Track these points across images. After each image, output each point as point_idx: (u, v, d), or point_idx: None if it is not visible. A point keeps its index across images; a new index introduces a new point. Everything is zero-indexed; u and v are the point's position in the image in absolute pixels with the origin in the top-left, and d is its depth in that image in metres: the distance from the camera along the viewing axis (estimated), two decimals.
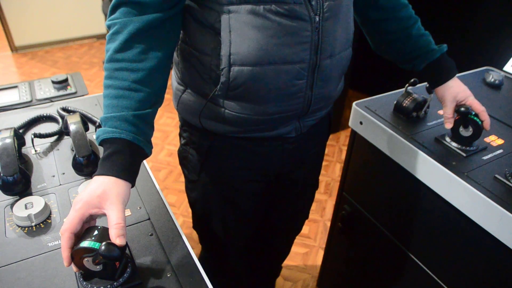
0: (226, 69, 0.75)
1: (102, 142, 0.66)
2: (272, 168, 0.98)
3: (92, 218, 0.63)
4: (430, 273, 1.00)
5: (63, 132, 0.93)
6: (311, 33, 0.75)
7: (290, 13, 0.72)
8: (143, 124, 0.68)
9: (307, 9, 0.73)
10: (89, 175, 0.82)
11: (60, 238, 0.68)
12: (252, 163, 0.94)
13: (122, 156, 0.65)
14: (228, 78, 0.76)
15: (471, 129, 0.90)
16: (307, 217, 1.26)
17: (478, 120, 0.89)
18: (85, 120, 0.92)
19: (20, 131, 0.94)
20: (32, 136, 0.88)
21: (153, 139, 0.72)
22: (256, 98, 0.79)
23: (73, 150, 0.83)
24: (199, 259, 0.68)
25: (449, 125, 0.93)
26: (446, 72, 0.95)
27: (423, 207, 0.98)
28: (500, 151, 0.93)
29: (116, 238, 0.58)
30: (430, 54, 0.95)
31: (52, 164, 0.86)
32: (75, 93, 1.13)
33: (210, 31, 0.75)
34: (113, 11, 0.71)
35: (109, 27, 0.71)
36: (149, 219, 0.74)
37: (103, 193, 0.61)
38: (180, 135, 1.00)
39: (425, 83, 1.01)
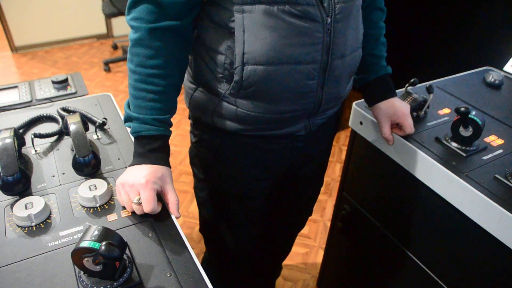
0: (239, 67, 0.77)
1: (146, 136, 0.76)
2: (281, 166, 0.99)
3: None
4: (430, 273, 1.00)
5: (63, 132, 0.93)
6: (323, 34, 0.77)
7: (303, 14, 0.74)
8: (171, 122, 0.81)
9: (320, 11, 0.75)
10: (89, 175, 0.82)
11: (60, 239, 0.69)
12: (262, 162, 0.96)
13: (166, 149, 0.79)
14: (241, 77, 0.78)
15: (471, 129, 0.90)
16: (310, 213, 1.27)
17: (478, 120, 0.89)
18: (85, 120, 0.92)
19: (20, 131, 0.94)
20: (32, 136, 0.88)
21: None
22: (268, 97, 0.81)
23: (73, 150, 0.83)
24: (203, 262, 0.69)
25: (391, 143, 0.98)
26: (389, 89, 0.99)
27: (423, 207, 0.98)
28: (500, 151, 0.93)
29: (177, 212, 0.73)
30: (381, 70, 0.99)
31: (52, 164, 0.86)
32: (75, 93, 1.13)
33: (225, 30, 0.77)
34: (133, 6, 0.74)
35: (131, 26, 0.74)
36: (149, 219, 0.74)
37: (162, 176, 0.75)
38: (191, 133, 1.02)
39: (425, 83, 1.01)
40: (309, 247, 1.90)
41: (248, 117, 0.84)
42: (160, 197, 0.76)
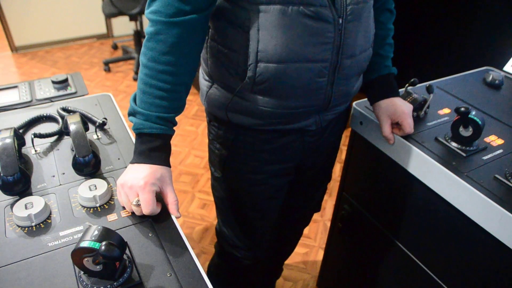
0: (253, 65, 0.79)
1: (148, 134, 0.76)
2: (293, 160, 1.01)
3: None
4: (430, 273, 1.01)
5: (63, 132, 0.93)
6: (334, 34, 0.79)
7: (316, 15, 0.76)
8: (175, 122, 0.81)
9: (332, 12, 0.77)
10: (89, 175, 0.82)
11: (60, 239, 0.69)
12: (274, 156, 0.97)
13: (167, 148, 0.79)
14: (255, 73, 0.80)
15: (471, 129, 0.90)
16: (318, 209, 1.28)
17: (478, 120, 0.89)
18: (85, 120, 0.92)
19: (20, 131, 0.94)
20: (32, 136, 0.88)
21: None
22: (279, 93, 0.83)
23: (73, 150, 0.83)
24: (210, 266, 0.69)
25: (391, 142, 0.98)
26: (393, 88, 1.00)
27: (423, 207, 0.98)
28: (500, 151, 0.93)
29: (176, 212, 0.72)
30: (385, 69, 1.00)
31: (52, 164, 0.86)
32: (75, 93, 1.13)
33: (239, 29, 0.79)
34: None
35: (150, 19, 0.75)
36: (149, 219, 0.74)
37: (162, 176, 0.75)
38: (208, 131, 1.04)
39: (425, 83, 1.01)
40: (309, 247, 1.90)
41: (260, 111, 0.87)
42: (160, 197, 0.76)
